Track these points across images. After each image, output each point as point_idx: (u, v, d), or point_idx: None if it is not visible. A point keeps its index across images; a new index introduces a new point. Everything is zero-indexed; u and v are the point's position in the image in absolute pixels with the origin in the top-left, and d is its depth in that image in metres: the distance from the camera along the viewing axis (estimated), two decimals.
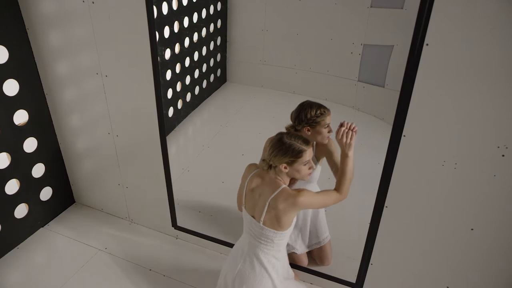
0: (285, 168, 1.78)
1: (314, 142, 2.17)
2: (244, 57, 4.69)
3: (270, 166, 1.82)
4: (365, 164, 3.34)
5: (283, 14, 4.26)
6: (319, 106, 2.06)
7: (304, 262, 2.44)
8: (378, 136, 3.82)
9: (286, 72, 4.49)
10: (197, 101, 4.29)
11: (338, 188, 1.89)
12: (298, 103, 2.14)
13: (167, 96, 3.63)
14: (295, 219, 1.87)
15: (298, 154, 1.76)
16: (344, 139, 1.85)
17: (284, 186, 1.80)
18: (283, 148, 1.76)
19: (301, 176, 1.83)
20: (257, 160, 2.43)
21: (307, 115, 2.04)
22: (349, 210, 2.92)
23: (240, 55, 4.70)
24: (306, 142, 1.79)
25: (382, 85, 3.82)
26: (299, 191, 1.77)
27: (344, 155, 1.88)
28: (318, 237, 2.46)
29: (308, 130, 2.08)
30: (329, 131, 2.09)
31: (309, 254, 2.51)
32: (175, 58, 3.66)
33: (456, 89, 1.58)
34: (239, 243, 2.03)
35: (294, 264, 2.42)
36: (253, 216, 1.88)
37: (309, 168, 1.82)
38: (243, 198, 1.93)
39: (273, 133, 2.43)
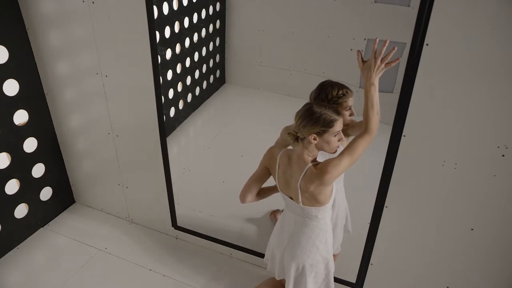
0: (314, 139, 1.68)
1: None
2: (243, 59, 4.68)
3: (297, 138, 1.72)
4: (365, 164, 3.34)
5: (282, 15, 4.25)
6: (341, 86, 1.91)
7: None
8: (378, 136, 3.82)
9: (283, 74, 4.48)
10: (197, 101, 4.29)
11: (366, 126, 1.66)
12: (297, 105, 2.09)
13: (168, 96, 3.63)
14: (334, 189, 1.79)
15: (329, 123, 1.65)
16: (373, 67, 1.62)
17: (310, 165, 1.71)
18: (314, 118, 1.65)
19: (330, 148, 1.72)
20: (256, 161, 2.43)
21: (328, 95, 1.88)
22: (349, 210, 2.92)
23: (239, 57, 4.70)
24: (337, 112, 1.69)
25: (391, 91, 3.77)
26: (322, 168, 1.66)
27: (369, 84, 1.62)
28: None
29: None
30: (351, 114, 1.94)
31: None
32: (176, 58, 3.66)
33: (456, 89, 1.58)
34: (283, 217, 1.96)
35: None
36: (291, 198, 1.82)
37: (339, 140, 1.73)
38: (277, 183, 1.87)
39: (271, 135, 2.43)
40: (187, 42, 3.80)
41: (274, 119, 2.56)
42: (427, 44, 1.54)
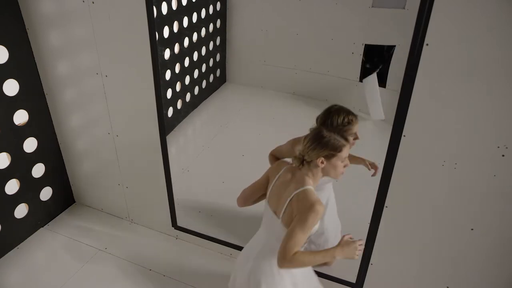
0: (322, 162, 1.68)
1: None
2: (244, 57, 4.68)
3: (302, 162, 1.73)
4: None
5: (283, 14, 4.25)
6: (348, 113, 1.94)
7: None
8: (378, 136, 3.82)
9: (286, 73, 4.48)
10: (197, 101, 4.29)
11: (283, 256, 1.64)
12: (298, 104, 2.12)
13: (166, 96, 3.63)
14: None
15: (338, 148, 1.67)
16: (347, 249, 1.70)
17: (310, 186, 1.70)
18: (323, 142, 1.66)
19: (335, 174, 1.73)
20: (257, 160, 2.43)
21: (333, 123, 1.93)
22: (349, 210, 2.93)
23: (240, 55, 4.70)
24: (345, 137, 1.70)
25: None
26: (317, 206, 1.63)
27: (333, 252, 1.70)
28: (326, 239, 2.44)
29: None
30: (355, 138, 1.97)
31: None
32: (175, 58, 3.66)
33: (456, 89, 1.58)
34: (252, 242, 1.95)
35: None
36: (275, 212, 1.80)
37: (344, 166, 1.73)
38: (268, 192, 1.85)
39: (273, 134, 2.42)
40: (186, 42, 3.79)
41: (277, 118, 2.55)
42: (427, 44, 1.54)
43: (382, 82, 3.99)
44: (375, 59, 4.07)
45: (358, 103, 4.23)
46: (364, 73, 4.10)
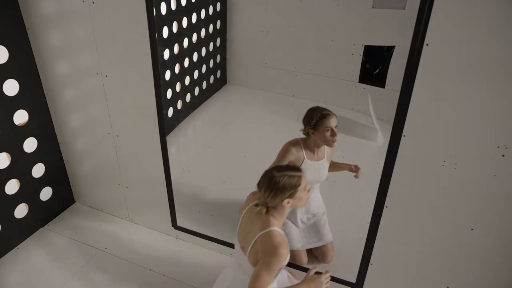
0: (288, 202, 1.71)
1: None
2: (244, 59, 4.68)
3: (267, 208, 1.74)
4: (365, 164, 3.34)
5: (284, 15, 4.25)
6: (322, 110, 2.17)
7: (303, 259, 2.43)
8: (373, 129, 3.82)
9: (286, 74, 4.48)
10: (197, 102, 4.29)
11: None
12: (298, 106, 2.21)
13: (166, 96, 3.63)
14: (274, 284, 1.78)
15: (296, 184, 1.70)
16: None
17: (275, 228, 1.71)
18: (280, 186, 1.68)
19: (302, 203, 1.77)
20: (258, 161, 2.44)
21: (310, 119, 2.18)
22: (349, 210, 2.93)
23: (240, 57, 4.69)
24: (295, 168, 1.76)
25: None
26: (280, 249, 1.65)
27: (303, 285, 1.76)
28: (320, 236, 2.47)
29: (313, 133, 2.20)
30: (332, 135, 2.15)
31: (311, 252, 2.51)
32: (174, 59, 3.66)
33: (456, 89, 1.58)
34: (224, 274, 1.95)
35: (293, 263, 2.42)
36: (242, 248, 1.81)
37: (308, 191, 1.77)
38: (237, 226, 1.88)
39: (274, 135, 2.43)
40: (185, 43, 3.79)
41: (278, 120, 2.56)
42: (427, 44, 1.54)
43: (381, 83, 4.00)
44: (375, 60, 4.07)
45: (357, 104, 4.23)
46: (364, 74, 4.10)
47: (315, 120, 2.16)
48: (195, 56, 4.01)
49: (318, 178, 2.36)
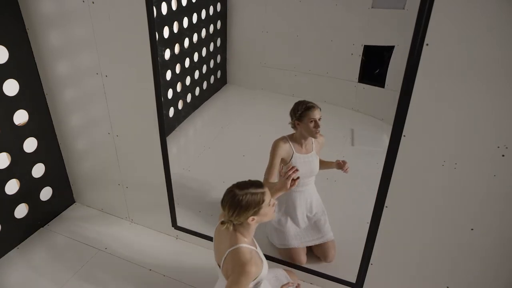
0: (253, 219, 1.71)
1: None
2: (244, 59, 4.68)
3: (234, 225, 1.74)
4: (365, 164, 3.34)
5: (283, 15, 4.25)
6: (307, 102, 2.30)
7: (302, 259, 2.43)
8: (378, 136, 3.82)
9: (285, 74, 4.48)
10: (198, 102, 4.29)
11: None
12: None
13: (167, 96, 3.63)
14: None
15: (260, 201, 1.68)
16: None
17: (241, 245, 1.72)
18: (243, 204, 1.67)
19: (268, 218, 1.76)
20: (257, 161, 2.44)
21: (295, 111, 2.31)
22: (349, 210, 2.93)
23: (240, 57, 4.69)
24: (258, 184, 1.73)
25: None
26: (247, 267, 1.66)
27: None
28: (321, 234, 2.47)
29: (298, 124, 2.32)
30: (315, 126, 2.27)
31: (312, 251, 2.51)
32: (175, 59, 3.66)
33: (456, 89, 1.58)
34: (217, 285, 1.96)
35: (292, 264, 2.42)
36: (218, 264, 1.82)
37: (273, 206, 1.76)
38: (214, 240, 1.88)
39: (273, 135, 2.44)
40: (186, 43, 3.79)
41: (278, 120, 2.57)
42: (427, 44, 1.54)
43: (380, 83, 4.00)
44: (375, 60, 4.07)
45: (356, 104, 4.23)
46: (363, 74, 4.10)
47: (300, 111, 2.28)
48: (195, 56, 4.01)
49: (311, 171, 2.40)
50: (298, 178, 1.97)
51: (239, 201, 1.67)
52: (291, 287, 1.91)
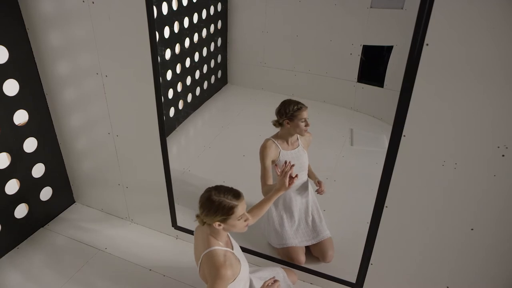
0: (219, 225, 1.71)
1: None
2: (244, 59, 4.68)
3: (204, 223, 1.75)
4: (365, 164, 3.35)
5: (283, 16, 4.26)
6: (297, 103, 2.36)
7: (301, 258, 2.43)
8: (378, 135, 3.82)
9: (285, 74, 4.49)
10: (198, 102, 4.29)
11: None
12: None
13: (167, 96, 3.63)
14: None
15: (229, 211, 1.67)
16: None
17: (214, 248, 1.73)
18: (213, 208, 1.67)
19: (237, 230, 1.75)
20: (257, 161, 2.44)
21: (286, 110, 2.35)
22: (349, 210, 2.93)
23: (240, 57, 4.70)
24: (237, 195, 1.71)
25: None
26: (222, 271, 1.66)
27: None
28: (317, 232, 2.47)
29: (288, 123, 2.37)
30: (306, 125, 2.35)
31: (311, 252, 2.51)
32: (176, 59, 3.66)
33: (456, 89, 1.58)
34: None
35: (292, 263, 2.42)
36: (197, 265, 1.84)
37: (245, 221, 1.75)
38: (194, 242, 1.90)
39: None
40: (187, 43, 3.80)
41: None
42: (427, 44, 1.54)
43: (379, 82, 4.00)
44: (374, 60, 4.08)
45: (356, 103, 4.23)
46: (362, 73, 4.11)
47: (292, 112, 2.34)
48: (196, 56, 4.01)
49: (300, 166, 2.44)
50: (296, 176, 1.97)
51: (211, 203, 1.68)
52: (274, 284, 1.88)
